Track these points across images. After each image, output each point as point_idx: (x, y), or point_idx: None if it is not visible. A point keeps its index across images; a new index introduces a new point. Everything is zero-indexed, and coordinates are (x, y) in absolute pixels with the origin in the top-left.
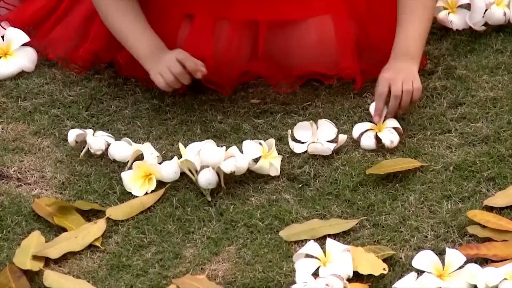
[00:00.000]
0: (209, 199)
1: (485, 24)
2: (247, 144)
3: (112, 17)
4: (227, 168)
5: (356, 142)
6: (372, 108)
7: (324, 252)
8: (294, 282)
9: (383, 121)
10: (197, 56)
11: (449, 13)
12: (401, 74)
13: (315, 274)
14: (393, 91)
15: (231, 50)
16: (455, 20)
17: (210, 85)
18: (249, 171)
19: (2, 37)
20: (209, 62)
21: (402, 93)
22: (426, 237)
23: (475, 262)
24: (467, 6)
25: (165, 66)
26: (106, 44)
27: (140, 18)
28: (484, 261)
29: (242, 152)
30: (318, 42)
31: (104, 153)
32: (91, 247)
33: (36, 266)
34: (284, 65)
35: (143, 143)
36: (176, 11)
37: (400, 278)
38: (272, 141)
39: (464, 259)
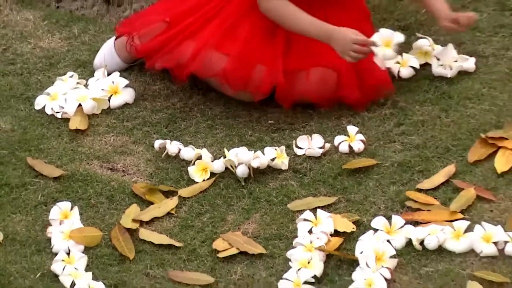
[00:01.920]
0: (243, 184)
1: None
2: (267, 149)
3: (289, 20)
4: (255, 164)
5: (336, 148)
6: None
7: (316, 217)
8: (296, 237)
9: None
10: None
11: (400, 67)
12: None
13: (310, 231)
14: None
15: None
16: (403, 71)
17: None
18: (268, 166)
19: (113, 82)
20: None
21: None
22: (380, 208)
23: (410, 224)
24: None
25: (349, 49)
26: (198, 66)
27: (305, 14)
28: (416, 223)
29: (264, 154)
30: (318, 86)
31: (177, 155)
32: (168, 214)
33: (134, 226)
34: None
35: (202, 149)
36: None
37: (363, 233)
38: (283, 147)
39: (403, 222)
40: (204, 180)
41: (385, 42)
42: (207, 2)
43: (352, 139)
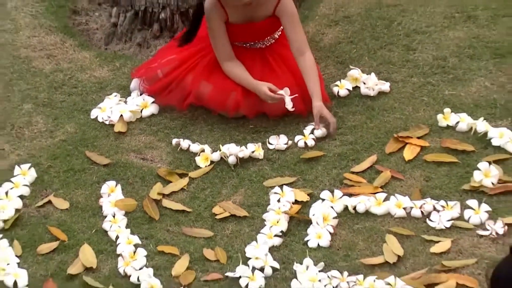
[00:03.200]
0: (233, 168)
1: (349, 93)
2: (249, 145)
3: (235, 76)
4: (241, 155)
5: (295, 144)
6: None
7: (282, 191)
8: (269, 204)
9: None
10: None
11: (339, 89)
12: (324, 107)
13: (278, 201)
14: (330, 116)
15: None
16: (341, 91)
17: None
18: (250, 157)
19: (143, 99)
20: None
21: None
22: (326, 185)
23: (346, 195)
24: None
25: (264, 98)
26: (195, 98)
27: (246, 72)
28: (350, 195)
29: (246, 148)
30: (275, 105)
31: (188, 149)
32: (182, 189)
33: (159, 197)
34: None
35: (204, 145)
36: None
37: (314, 202)
38: (259, 144)
39: (342, 194)
40: (206, 166)
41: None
42: (205, 47)
43: (306, 138)
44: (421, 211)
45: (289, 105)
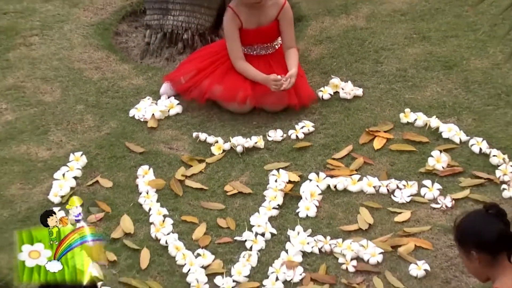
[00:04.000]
0: (240, 156)
1: (330, 97)
2: (253, 137)
3: (246, 70)
4: (246, 145)
5: (289, 137)
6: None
7: (278, 173)
8: (268, 183)
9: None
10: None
11: (323, 94)
12: (294, 75)
13: (275, 181)
14: (293, 79)
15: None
16: (325, 96)
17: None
18: (253, 146)
19: (170, 101)
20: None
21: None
22: (313, 168)
23: (329, 177)
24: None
25: (271, 85)
26: (209, 94)
27: (254, 68)
28: (332, 176)
29: (251, 140)
30: (277, 100)
31: (205, 140)
32: (200, 172)
33: (182, 178)
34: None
35: (218, 137)
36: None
37: (304, 182)
38: (261, 136)
39: (325, 175)
40: (219, 154)
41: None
42: (218, 59)
43: (297, 132)
44: (387, 189)
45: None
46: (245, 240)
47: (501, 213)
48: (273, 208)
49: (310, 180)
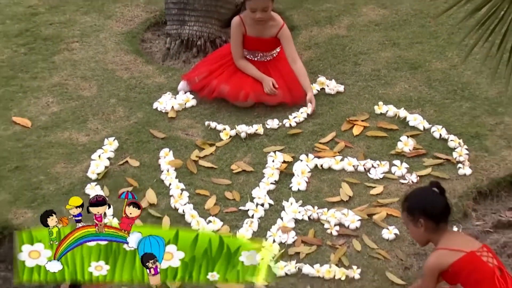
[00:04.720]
0: (244, 140)
1: (317, 92)
2: (254, 125)
3: (246, 67)
4: (249, 132)
5: (283, 125)
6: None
7: (275, 155)
8: (266, 163)
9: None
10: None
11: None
12: (313, 97)
13: (273, 161)
14: (314, 102)
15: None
16: (314, 92)
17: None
18: (254, 133)
19: (187, 96)
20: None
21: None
22: (303, 151)
23: (316, 158)
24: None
25: (266, 88)
26: (218, 93)
27: (253, 66)
28: (319, 157)
29: (252, 127)
30: (275, 97)
31: (215, 128)
32: (211, 154)
33: (196, 158)
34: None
35: (225, 125)
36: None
37: (296, 162)
38: (261, 124)
39: (314, 156)
40: (227, 139)
41: None
42: (225, 62)
43: (291, 121)
44: (364, 168)
45: (309, 110)
46: (248, 210)
47: (443, 190)
48: (271, 183)
49: (301, 160)
